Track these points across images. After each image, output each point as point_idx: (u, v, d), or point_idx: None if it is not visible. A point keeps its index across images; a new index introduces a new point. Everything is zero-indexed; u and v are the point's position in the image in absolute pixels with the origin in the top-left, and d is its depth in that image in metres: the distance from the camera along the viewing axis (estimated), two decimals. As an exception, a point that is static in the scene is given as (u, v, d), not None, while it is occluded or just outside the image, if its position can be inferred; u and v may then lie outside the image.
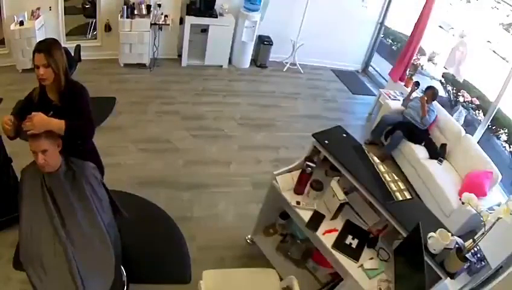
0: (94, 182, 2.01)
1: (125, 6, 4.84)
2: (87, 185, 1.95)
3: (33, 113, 1.79)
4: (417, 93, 4.79)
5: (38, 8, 4.55)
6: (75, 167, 1.96)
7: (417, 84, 4.84)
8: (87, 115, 2.08)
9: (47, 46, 1.95)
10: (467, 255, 1.90)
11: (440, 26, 6.36)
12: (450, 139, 4.32)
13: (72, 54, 4.20)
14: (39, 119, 1.79)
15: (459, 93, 5.62)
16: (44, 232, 1.84)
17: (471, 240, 1.92)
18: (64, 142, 1.91)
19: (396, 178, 2.46)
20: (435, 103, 4.50)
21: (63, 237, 1.83)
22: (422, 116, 4.34)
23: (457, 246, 1.95)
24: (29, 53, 4.81)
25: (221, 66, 5.88)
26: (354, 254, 2.26)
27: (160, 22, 5.11)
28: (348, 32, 6.14)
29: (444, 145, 4.29)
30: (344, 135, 2.69)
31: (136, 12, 4.94)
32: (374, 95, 5.88)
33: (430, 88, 4.52)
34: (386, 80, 6.24)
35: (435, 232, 1.98)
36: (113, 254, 1.96)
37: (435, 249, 1.96)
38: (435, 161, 4.15)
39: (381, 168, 2.48)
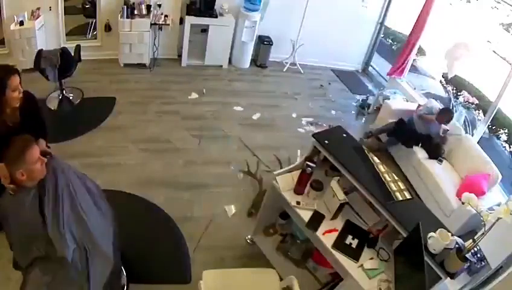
0: (74, 179, 1.93)
1: (125, 6, 4.83)
2: (67, 187, 1.86)
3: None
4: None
5: (38, 8, 4.54)
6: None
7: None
8: (44, 121, 2.14)
9: (12, 67, 1.90)
10: (467, 255, 1.90)
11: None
12: (450, 139, 4.31)
13: (72, 54, 4.20)
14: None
15: (459, 93, 5.63)
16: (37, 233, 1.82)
17: (471, 240, 1.92)
18: None
19: (396, 178, 2.46)
20: None
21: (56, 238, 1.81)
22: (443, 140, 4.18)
23: (457, 246, 1.95)
24: (29, 53, 4.79)
25: (221, 66, 5.88)
26: (354, 254, 2.26)
27: (160, 22, 5.10)
28: (348, 32, 6.13)
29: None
30: (344, 135, 2.69)
31: (136, 12, 4.93)
32: (374, 95, 5.88)
33: (446, 111, 4.16)
34: (386, 80, 6.24)
35: (435, 232, 1.98)
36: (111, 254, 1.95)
37: (434, 249, 1.96)
38: (435, 161, 4.15)
39: (381, 168, 2.48)
